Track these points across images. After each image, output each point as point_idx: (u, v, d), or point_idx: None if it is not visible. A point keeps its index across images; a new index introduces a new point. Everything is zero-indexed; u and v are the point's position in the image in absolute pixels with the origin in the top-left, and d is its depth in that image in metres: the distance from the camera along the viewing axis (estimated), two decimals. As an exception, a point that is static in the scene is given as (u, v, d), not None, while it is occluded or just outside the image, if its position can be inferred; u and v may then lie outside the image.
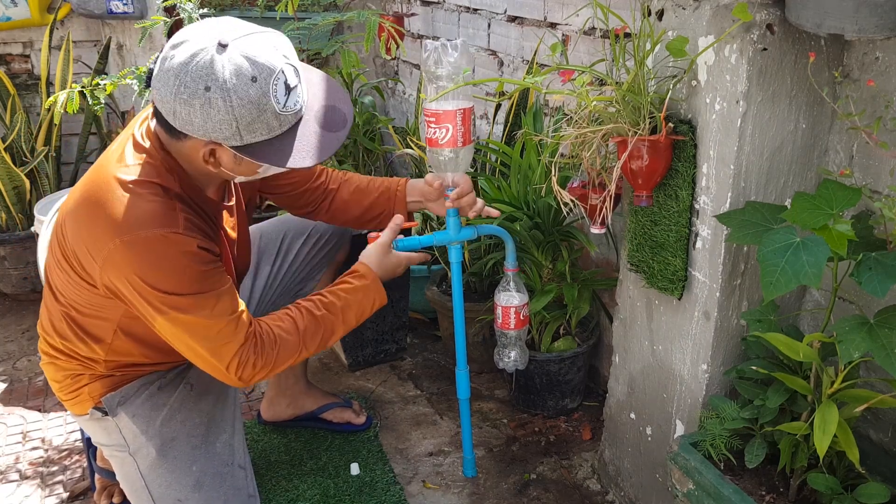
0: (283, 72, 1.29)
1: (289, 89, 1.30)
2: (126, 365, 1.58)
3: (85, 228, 1.37)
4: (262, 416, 2.21)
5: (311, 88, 1.40)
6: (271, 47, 1.29)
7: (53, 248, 1.49)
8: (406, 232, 1.84)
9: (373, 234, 1.71)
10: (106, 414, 1.58)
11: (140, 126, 1.45)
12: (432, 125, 1.64)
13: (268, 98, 1.27)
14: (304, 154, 1.35)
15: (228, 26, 1.30)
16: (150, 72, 1.34)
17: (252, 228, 1.91)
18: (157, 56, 1.33)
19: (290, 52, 1.33)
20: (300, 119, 1.36)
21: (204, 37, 1.27)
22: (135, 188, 1.36)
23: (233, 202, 1.62)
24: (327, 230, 1.98)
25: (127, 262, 1.34)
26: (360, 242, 1.99)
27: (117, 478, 1.67)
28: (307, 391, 2.18)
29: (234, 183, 1.63)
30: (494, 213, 1.82)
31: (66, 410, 2.34)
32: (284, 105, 1.30)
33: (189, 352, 1.45)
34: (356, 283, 1.62)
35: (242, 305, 1.47)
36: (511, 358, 1.91)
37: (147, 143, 1.41)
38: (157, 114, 1.35)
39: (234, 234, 1.63)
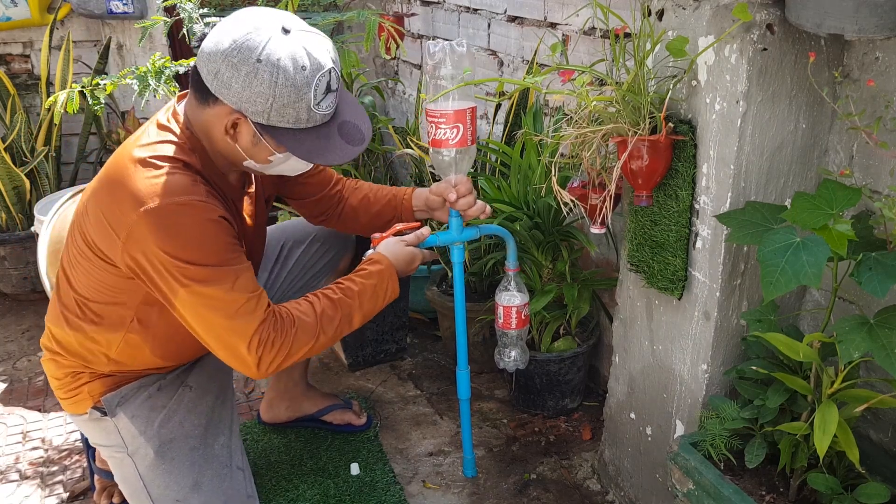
0: (329, 73, 1.36)
1: (328, 91, 1.37)
2: (129, 368, 1.58)
3: (106, 206, 1.38)
4: (261, 418, 2.21)
5: (341, 101, 1.45)
6: (325, 49, 1.36)
7: (74, 235, 1.50)
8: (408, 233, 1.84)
9: (376, 236, 1.71)
10: (105, 414, 1.58)
11: (165, 112, 1.48)
12: (442, 126, 1.63)
13: (309, 90, 1.33)
14: (319, 154, 1.40)
15: (292, 18, 1.37)
16: (203, 36, 1.39)
17: None
18: (214, 23, 1.39)
19: (337, 60, 1.40)
20: (325, 123, 1.41)
21: (269, 19, 1.34)
22: (155, 162, 1.38)
23: (252, 190, 1.62)
24: (328, 238, 1.97)
25: (149, 233, 1.34)
26: (364, 248, 1.99)
27: (115, 479, 1.67)
28: (307, 393, 2.18)
29: (255, 175, 1.64)
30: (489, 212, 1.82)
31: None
32: (318, 103, 1.36)
33: (208, 332, 1.42)
34: (371, 269, 1.61)
35: (260, 287, 1.46)
36: (512, 358, 1.91)
37: (171, 124, 1.44)
38: (194, 75, 1.39)
39: (251, 223, 1.62)
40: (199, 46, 1.38)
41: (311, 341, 1.49)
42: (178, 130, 1.44)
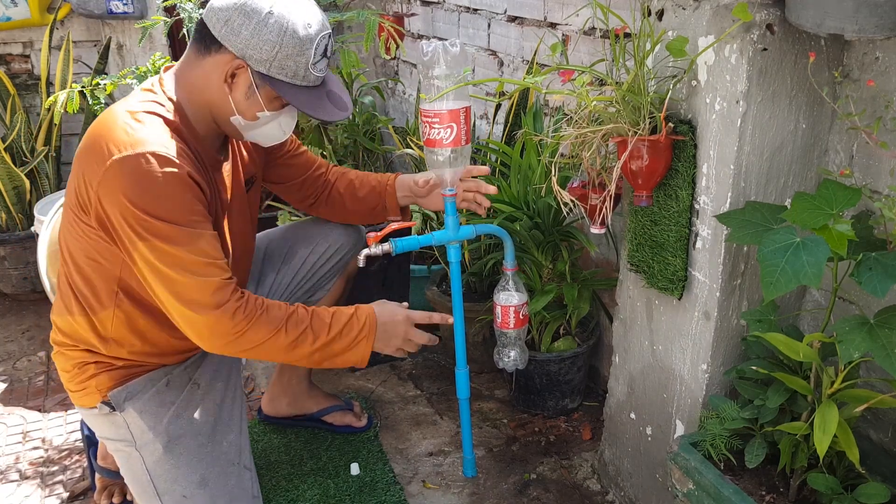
0: (328, 37, 1.47)
1: (324, 55, 1.47)
2: (130, 354, 1.58)
3: (84, 158, 1.42)
4: (262, 411, 2.21)
5: (327, 74, 1.54)
6: (324, 18, 1.49)
7: (68, 201, 1.51)
8: (405, 232, 1.84)
9: (371, 235, 1.71)
10: (113, 409, 1.58)
11: (149, 80, 1.53)
12: (436, 125, 1.64)
13: (311, 46, 1.43)
14: (312, 107, 1.48)
15: None
16: None
17: (260, 236, 1.92)
18: None
19: (329, 25, 1.50)
20: (316, 86, 1.50)
21: None
22: (134, 115, 1.42)
23: (229, 164, 1.62)
24: (336, 240, 1.95)
25: (117, 180, 1.36)
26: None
27: (122, 473, 1.67)
28: (309, 392, 2.18)
29: (236, 146, 1.64)
30: (491, 188, 1.82)
31: (66, 410, 2.34)
32: (315, 63, 1.46)
33: (165, 289, 1.41)
34: (354, 332, 1.55)
35: (223, 257, 1.45)
36: (511, 357, 1.91)
37: (155, 87, 1.49)
38: (198, 27, 1.46)
39: (227, 197, 1.61)
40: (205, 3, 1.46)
41: (272, 332, 1.45)
42: (160, 92, 1.48)
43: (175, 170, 1.38)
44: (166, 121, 1.43)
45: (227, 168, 1.61)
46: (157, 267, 1.39)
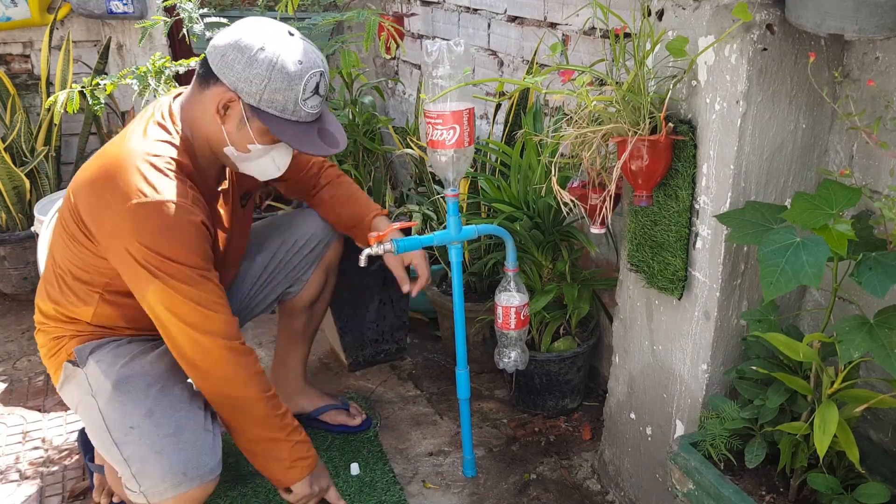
0: (320, 75, 1.52)
1: (315, 92, 1.52)
2: (110, 327, 1.67)
3: (100, 192, 1.48)
4: None
5: (325, 114, 1.60)
6: (319, 57, 1.54)
7: (62, 215, 1.60)
8: (406, 232, 1.84)
9: (373, 235, 1.71)
10: (77, 365, 1.63)
11: (159, 109, 1.60)
12: (439, 126, 1.64)
13: (300, 83, 1.49)
14: (296, 140, 1.53)
15: (297, 33, 1.55)
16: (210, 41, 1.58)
17: None
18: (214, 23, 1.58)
19: (327, 72, 1.55)
20: (307, 122, 1.55)
21: (278, 25, 1.53)
22: (152, 160, 1.49)
23: (226, 187, 1.71)
24: (308, 230, 2.00)
25: (135, 225, 1.45)
26: (352, 243, 2.00)
27: (86, 430, 1.67)
28: (304, 391, 2.18)
29: (231, 173, 1.73)
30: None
31: (66, 410, 2.34)
32: (305, 100, 1.51)
33: (182, 322, 1.51)
34: (300, 448, 1.69)
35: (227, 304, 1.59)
36: (511, 358, 1.91)
37: (167, 123, 1.57)
38: (201, 64, 1.55)
39: (227, 224, 1.71)
40: (209, 41, 1.54)
41: (258, 390, 1.61)
42: (173, 131, 1.56)
43: (190, 217, 1.48)
44: (179, 164, 1.52)
45: (223, 193, 1.70)
46: (172, 301, 1.49)
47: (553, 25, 2.28)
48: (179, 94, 1.63)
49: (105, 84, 2.16)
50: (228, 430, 1.64)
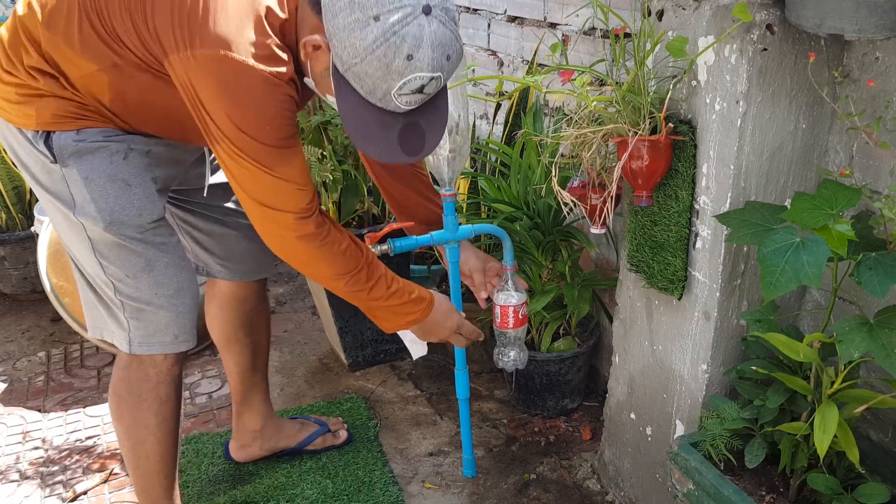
0: (430, 80, 1.24)
1: (419, 91, 1.25)
2: (95, 105, 1.39)
3: (192, 14, 1.24)
4: (231, 457, 2.07)
5: (426, 105, 1.32)
6: (445, 54, 1.23)
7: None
8: (404, 232, 1.84)
9: (370, 235, 1.71)
10: (51, 152, 1.39)
11: None
12: None
13: (398, 79, 1.22)
14: (363, 137, 1.31)
15: (444, 9, 1.22)
16: None
17: None
18: None
19: (452, 68, 1.27)
20: (394, 113, 1.29)
21: None
22: (264, 27, 1.26)
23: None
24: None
25: (218, 79, 1.24)
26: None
27: (52, 223, 1.53)
28: (279, 428, 2.07)
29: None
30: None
31: (66, 410, 2.34)
32: (400, 95, 1.24)
33: (251, 186, 1.34)
34: (406, 308, 1.59)
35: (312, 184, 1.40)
36: (510, 358, 1.90)
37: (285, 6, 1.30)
38: None
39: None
40: None
41: (341, 268, 1.45)
42: (285, 17, 1.29)
43: (281, 93, 1.28)
44: (282, 46, 1.28)
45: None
46: (243, 174, 1.32)
47: (553, 25, 2.28)
48: None
49: (105, 84, 2.16)
50: None
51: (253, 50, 1.24)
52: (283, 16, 1.28)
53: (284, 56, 1.28)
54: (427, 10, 1.19)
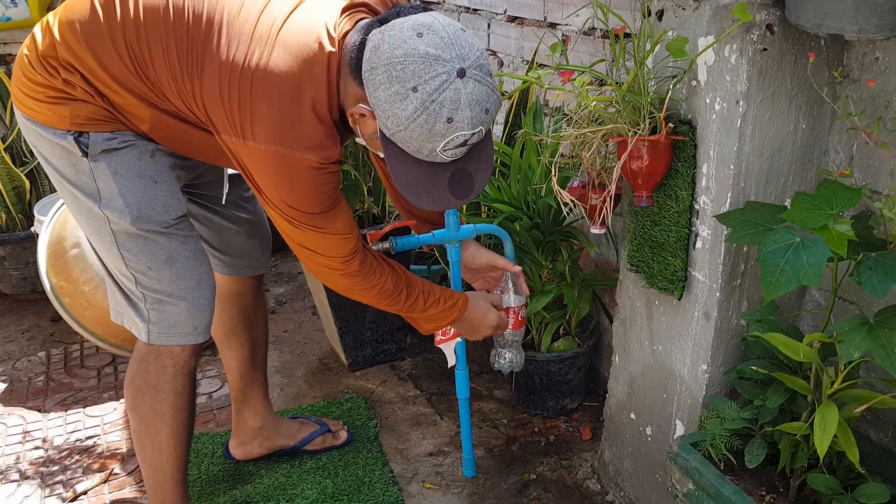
0: (472, 133, 1.28)
1: (462, 145, 1.30)
2: (131, 119, 1.45)
3: (246, 100, 1.31)
4: (231, 455, 2.08)
5: (476, 157, 1.37)
6: (483, 108, 1.28)
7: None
8: (405, 230, 1.84)
9: (371, 233, 1.71)
10: (83, 149, 1.43)
11: (329, 24, 1.35)
12: None
13: (442, 140, 1.27)
14: (414, 191, 1.36)
15: (476, 52, 1.29)
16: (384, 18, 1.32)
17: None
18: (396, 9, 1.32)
19: (491, 119, 1.32)
20: (442, 164, 1.34)
21: (455, 49, 1.26)
22: (313, 104, 1.31)
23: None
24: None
25: (268, 168, 1.35)
26: None
27: (72, 213, 1.56)
28: (277, 428, 2.08)
29: None
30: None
31: (66, 410, 2.34)
32: (444, 151, 1.29)
33: (299, 243, 1.46)
34: (442, 315, 1.66)
35: (356, 231, 1.50)
36: (506, 359, 1.89)
37: (332, 47, 1.33)
38: (360, 46, 1.30)
39: None
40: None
41: (386, 283, 1.55)
42: (332, 60, 1.33)
43: (327, 173, 1.36)
44: (326, 113, 1.33)
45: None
46: (295, 234, 1.43)
47: (553, 25, 2.28)
48: (356, 14, 1.37)
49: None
50: None
51: (302, 142, 1.32)
52: (325, 97, 1.33)
53: (330, 140, 1.35)
54: (461, 74, 1.25)
